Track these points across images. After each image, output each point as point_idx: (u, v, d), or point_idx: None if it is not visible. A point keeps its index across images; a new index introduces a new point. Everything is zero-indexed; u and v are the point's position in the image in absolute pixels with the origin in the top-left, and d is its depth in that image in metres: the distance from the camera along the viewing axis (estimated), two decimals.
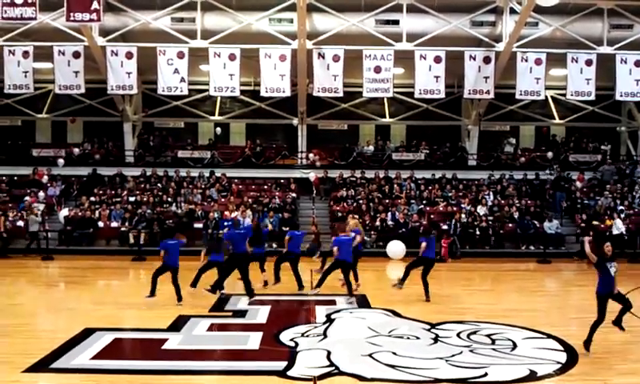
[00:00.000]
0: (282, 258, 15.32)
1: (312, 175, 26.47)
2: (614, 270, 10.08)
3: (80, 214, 23.33)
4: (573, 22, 24.48)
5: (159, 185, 25.74)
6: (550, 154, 27.91)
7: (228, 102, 29.47)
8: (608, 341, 11.18)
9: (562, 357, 10.12)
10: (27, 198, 24.09)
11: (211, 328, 11.73)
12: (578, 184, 26.28)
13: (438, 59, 24.61)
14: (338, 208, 24.45)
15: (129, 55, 24.45)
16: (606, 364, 9.94)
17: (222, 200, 24.87)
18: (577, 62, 24.70)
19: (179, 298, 13.17)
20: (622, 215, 23.62)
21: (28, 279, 18.26)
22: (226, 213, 23.35)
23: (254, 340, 10.99)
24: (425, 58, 24.65)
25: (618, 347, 10.85)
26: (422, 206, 24.32)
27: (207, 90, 25.79)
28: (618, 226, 22.70)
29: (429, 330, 11.66)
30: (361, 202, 24.59)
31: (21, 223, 22.75)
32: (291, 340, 10.94)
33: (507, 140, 28.67)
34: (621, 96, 25.33)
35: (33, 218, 22.41)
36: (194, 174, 26.61)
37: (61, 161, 26.72)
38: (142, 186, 25.91)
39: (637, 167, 27.77)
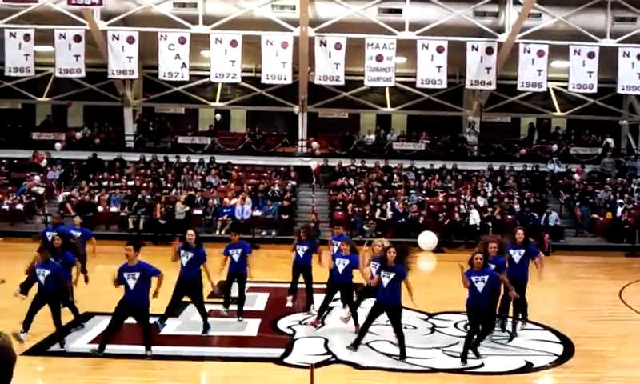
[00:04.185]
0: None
1: (313, 164, 26.45)
2: (482, 285, 9.31)
3: (79, 197, 23.32)
4: (576, 13, 24.38)
5: (159, 170, 25.69)
6: (555, 147, 27.87)
7: (229, 89, 29.36)
8: (605, 334, 11.24)
9: (559, 349, 10.17)
10: (26, 182, 24.08)
11: (209, 314, 11.75)
12: (577, 177, 26.26)
13: (440, 49, 24.51)
14: (337, 197, 24.44)
15: (130, 40, 24.36)
16: (602, 356, 10.00)
17: (222, 187, 24.85)
18: (579, 54, 24.62)
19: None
20: (622, 208, 23.62)
21: (25, 262, 18.22)
22: (226, 200, 23.35)
23: (251, 327, 11.05)
24: (427, 48, 24.55)
25: (614, 340, 10.91)
26: (422, 197, 24.29)
27: (208, 76, 25.66)
28: (474, 218, 22.68)
29: (426, 319, 11.72)
30: (360, 191, 24.58)
31: (20, 206, 22.73)
32: (289, 327, 11.00)
33: (471, 129, 28.31)
34: (623, 89, 25.25)
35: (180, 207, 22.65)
36: (194, 160, 26.57)
37: (58, 145, 26.66)
38: (142, 171, 25.87)
39: (637, 161, 27.76)
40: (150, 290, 9.36)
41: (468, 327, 9.71)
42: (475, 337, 9.43)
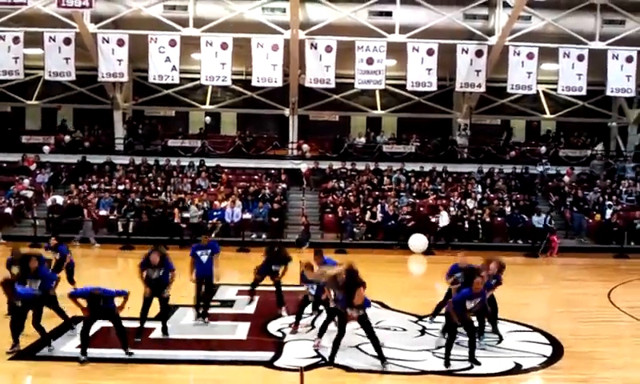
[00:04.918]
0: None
1: (304, 166, 26.44)
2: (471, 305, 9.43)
3: (68, 201, 23.20)
4: (565, 16, 24.49)
5: (150, 175, 25.59)
6: (543, 149, 27.99)
7: (219, 91, 29.33)
8: (594, 335, 11.29)
9: (548, 350, 10.21)
10: (14, 186, 23.95)
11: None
12: (567, 179, 26.38)
13: (430, 52, 24.58)
14: (327, 199, 24.44)
15: (120, 42, 24.28)
16: (591, 358, 10.03)
17: (212, 189, 24.80)
18: (569, 56, 24.76)
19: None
20: (611, 210, 23.74)
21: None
22: (216, 202, 23.29)
23: (241, 330, 11.04)
24: (417, 51, 24.61)
25: (603, 341, 10.95)
26: (412, 199, 24.32)
27: (198, 79, 25.61)
28: (444, 219, 22.79)
29: (416, 322, 11.73)
30: (350, 194, 24.58)
31: (9, 210, 22.59)
32: (279, 330, 10.98)
33: (462, 131, 28.28)
34: (612, 91, 25.43)
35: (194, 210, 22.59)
36: (184, 163, 26.50)
37: (46, 148, 26.52)
38: (132, 174, 25.78)
39: (625, 163, 27.91)
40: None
41: (446, 334, 9.84)
42: (469, 345, 9.44)
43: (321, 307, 10.83)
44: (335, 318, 9.70)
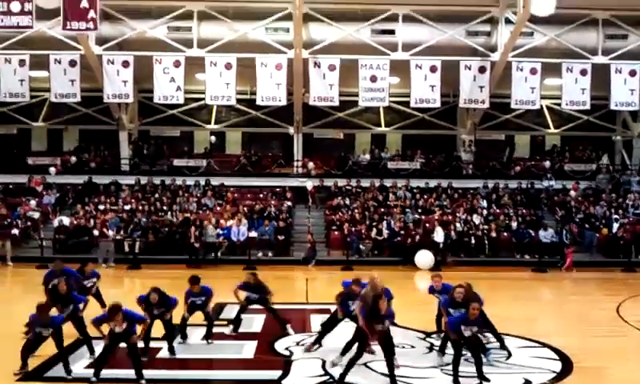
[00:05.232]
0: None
1: (309, 184, 26.49)
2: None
3: (75, 222, 23.27)
4: (568, 31, 24.57)
5: (156, 195, 25.66)
6: (547, 164, 27.99)
7: (224, 111, 29.47)
8: (603, 350, 11.22)
9: (557, 365, 10.14)
10: (20, 207, 24.02)
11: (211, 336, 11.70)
12: (573, 193, 26.34)
13: (433, 69, 24.68)
14: (333, 217, 24.44)
15: (125, 64, 24.48)
16: (601, 373, 9.97)
17: (218, 208, 24.83)
18: (572, 71, 24.82)
19: None
20: (617, 224, 23.67)
21: (23, 287, 18.22)
22: (222, 221, 23.32)
23: (248, 349, 11.00)
24: (420, 68, 24.73)
25: (612, 356, 10.88)
26: (417, 216, 24.30)
27: (203, 99, 25.78)
28: (439, 235, 22.68)
29: (424, 338, 11.68)
30: (356, 210, 24.57)
31: (16, 231, 22.63)
32: (286, 349, 10.95)
33: (467, 147, 28.28)
34: (616, 105, 25.47)
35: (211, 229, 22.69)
36: (189, 183, 26.57)
37: (52, 169, 26.66)
38: (138, 194, 25.85)
39: (630, 176, 27.85)
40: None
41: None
42: (475, 364, 9.38)
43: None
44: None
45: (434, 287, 11.48)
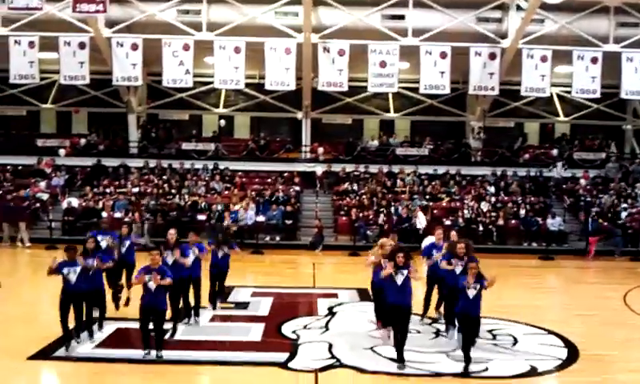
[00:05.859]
0: None
1: (319, 170, 26.49)
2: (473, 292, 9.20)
3: (84, 204, 23.38)
4: (579, 19, 24.37)
5: (164, 177, 25.74)
6: (555, 152, 27.88)
7: (233, 95, 29.44)
8: (610, 338, 11.22)
9: (563, 353, 10.16)
10: (29, 188, 24.13)
11: (214, 319, 11.80)
12: (583, 182, 26.24)
13: (443, 55, 24.56)
14: (341, 202, 24.46)
15: (134, 46, 24.47)
16: (607, 361, 9.98)
17: (226, 192, 24.89)
18: (582, 59, 24.63)
19: None
20: (626, 213, 23.60)
21: (32, 268, 18.36)
22: (230, 206, 23.37)
23: (256, 331, 11.06)
24: (430, 54, 24.61)
25: (619, 344, 10.89)
26: (425, 202, 24.27)
27: (212, 83, 25.74)
28: (421, 221, 22.57)
29: (430, 324, 11.71)
30: (364, 196, 24.58)
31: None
32: (293, 332, 11.01)
33: (476, 134, 28.16)
34: (626, 94, 25.25)
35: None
36: (197, 166, 26.63)
37: (62, 151, 26.77)
38: (146, 177, 25.93)
39: None
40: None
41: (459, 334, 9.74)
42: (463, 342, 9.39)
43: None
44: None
45: (434, 244, 11.55)
